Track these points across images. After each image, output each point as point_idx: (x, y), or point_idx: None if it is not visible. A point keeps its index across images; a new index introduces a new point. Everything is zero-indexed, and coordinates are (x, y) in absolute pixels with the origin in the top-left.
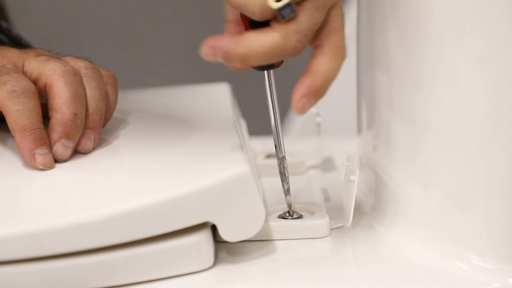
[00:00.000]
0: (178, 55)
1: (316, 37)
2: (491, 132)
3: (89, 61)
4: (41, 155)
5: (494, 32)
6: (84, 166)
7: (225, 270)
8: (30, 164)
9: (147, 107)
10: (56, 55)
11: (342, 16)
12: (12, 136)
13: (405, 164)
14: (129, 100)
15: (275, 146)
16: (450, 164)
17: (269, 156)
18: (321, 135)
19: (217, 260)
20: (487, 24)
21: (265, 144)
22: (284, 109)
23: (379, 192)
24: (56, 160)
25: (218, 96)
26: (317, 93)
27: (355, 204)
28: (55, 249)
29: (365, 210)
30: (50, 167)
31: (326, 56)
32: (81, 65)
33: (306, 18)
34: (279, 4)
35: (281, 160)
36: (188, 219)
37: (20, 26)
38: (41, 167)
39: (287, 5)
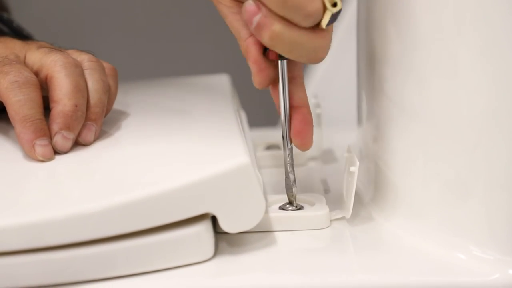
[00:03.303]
0: (178, 46)
1: (295, 64)
2: (491, 123)
3: (92, 54)
4: (41, 146)
5: (494, 24)
6: (84, 157)
7: (225, 261)
8: (30, 155)
9: (147, 99)
10: (58, 47)
11: None
12: (13, 127)
13: (405, 155)
14: (129, 91)
15: (283, 137)
16: (450, 155)
17: (269, 147)
18: (321, 127)
19: (217, 251)
20: (487, 16)
21: (265, 135)
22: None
23: (379, 183)
24: (57, 152)
25: (218, 87)
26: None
27: (355, 195)
28: (55, 240)
29: (365, 201)
30: (50, 159)
31: (303, 87)
32: (84, 58)
33: (331, 29)
34: (336, 9)
35: (290, 151)
36: (188, 210)
37: (21, 18)
38: (40, 158)
39: (339, 13)
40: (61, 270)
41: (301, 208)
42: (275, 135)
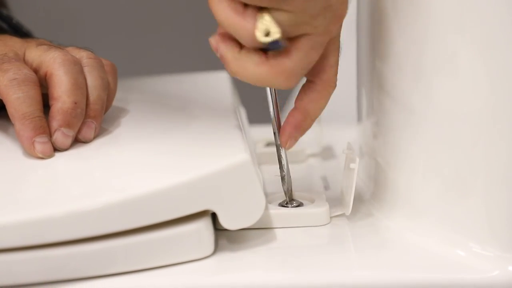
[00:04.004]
0: (177, 43)
1: (310, 70)
2: (490, 120)
3: (91, 51)
4: (40, 144)
5: (494, 22)
6: (84, 154)
7: (225, 258)
8: (30, 152)
9: (146, 96)
10: (57, 45)
11: (339, 50)
12: (12, 124)
13: (405, 152)
14: (129, 88)
15: (274, 133)
16: (449, 152)
17: (268, 144)
18: (321, 123)
19: (217, 248)
20: (487, 14)
21: (265, 132)
22: (283, 98)
23: (379, 180)
24: (56, 149)
25: (218, 84)
26: (305, 130)
27: (355, 192)
28: (55, 237)
29: (365, 198)
30: (49, 156)
31: (318, 94)
32: (83, 55)
33: (300, 57)
34: (268, 39)
35: (278, 148)
36: (188, 207)
37: (20, 15)
38: (40, 155)
39: (275, 42)
40: (61, 267)
41: (301, 205)
42: None
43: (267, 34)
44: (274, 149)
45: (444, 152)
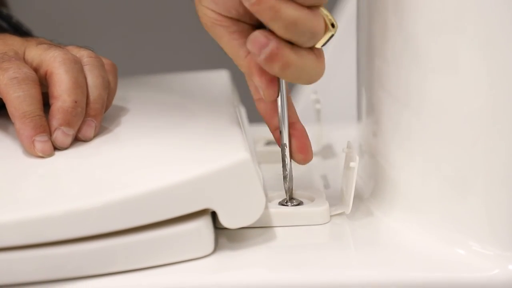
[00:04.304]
0: (177, 42)
1: None
2: (490, 119)
3: (92, 50)
4: (40, 142)
5: (494, 20)
6: (84, 153)
7: (225, 257)
8: (30, 151)
9: (146, 94)
10: (58, 44)
11: None
12: (13, 123)
13: (404, 150)
14: (129, 87)
15: (280, 132)
16: (450, 150)
17: (268, 143)
18: (320, 122)
19: (217, 247)
20: (487, 12)
21: (265, 131)
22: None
23: (379, 178)
24: (56, 148)
25: (218, 83)
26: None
27: (355, 191)
28: (55, 235)
29: (365, 196)
30: (49, 155)
31: (291, 102)
32: (83, 54)
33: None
34: (335, 30)
35: (282, 147)
36: (188, 205)
37: (20, 14)
38: (40, 154)
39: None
40: (61, 265)
41: (300, 203)
42: None
43: (332, 25)
44: (274, 148)
45: (444, 151)
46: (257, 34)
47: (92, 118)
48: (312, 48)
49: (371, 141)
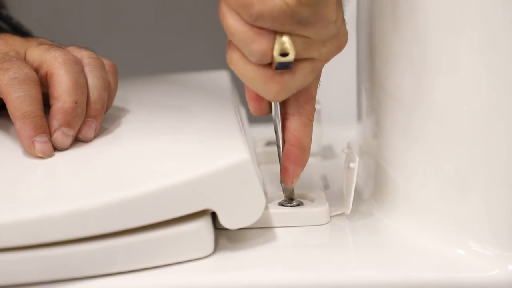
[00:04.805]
0: (178, 42)
1: (294, 102)
2: (490, 118)
3: (92, 51)
4: (40, 143)
5: (494, 20)
6: (84, 154)
7: (225, 257)
8: (30, 151)
9: (147, 95)
10: (58, 44)
11: (318, 82)
12: (13, 124)
13: (404, 151)
14: (129, 88)
15: (276, 132)
16: (450, 150)
17: (268, 143)
18: (320, 123)
19: (217, 247)
20: (487, 12)
21: (265, 131)
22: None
23: (378, 179)
24: (56, 148)
25: (218, 84)
26: (305, 164)
27: (355, 191)
28: (55, 236)
29: (365, 197)
30: (49, 155)
31: (308, 126)
32: (84, 55)
33: (300, 77)
34: (283, 59)
35: (278, 147)
36: (188, 206)
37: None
38: (40, 154)
39: (288, 63)
40: (61, 266)
41: (300, 204)
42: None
43: (282, 54)
44: (274, 148)
45: (444, 151)
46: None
47: (93, 119)
48: (264, 64)
49: (371, 142)
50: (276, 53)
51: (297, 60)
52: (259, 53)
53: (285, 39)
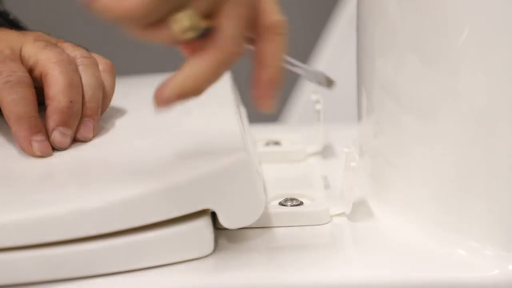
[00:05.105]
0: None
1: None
2: (491, 118)
3: (86, 50)
4: (37, 142)
5: (495, 20)
6: (83, 153)
7: (225, 257)
8: (28, 151)
9: (146, 94)
10: (55, 39)
11: None
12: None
13: (405, 150)
14: (128, 87)
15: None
16: (450, 150)
17: (268, 143)
18: (321, 122)
19: (216, 247)
20: (487, 12)
21: (265, 131)
22: (284, 97)
23: (379, 178)
24: (56, 149)
25: (218, 83)
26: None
27: (355, 191)
28: (55, 236)
29: (365, 197)
30: (48, 154)
31: (272, 42)
32: (77, 54)
33: (233, 25)
34: (190, 35)
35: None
36: (188, 206)
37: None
38: (38, 153)
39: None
40: (61, 266)
41: (301, 203)
42: (275, 131)
43: (186, 30)
44: (274, 148)
45: (444, 151)
46: None
47: (89, 118)
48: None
49: (371, 141)
50: (180, 33)
51: (213, 17)
52: (170, 42)
53: (179, 16)
